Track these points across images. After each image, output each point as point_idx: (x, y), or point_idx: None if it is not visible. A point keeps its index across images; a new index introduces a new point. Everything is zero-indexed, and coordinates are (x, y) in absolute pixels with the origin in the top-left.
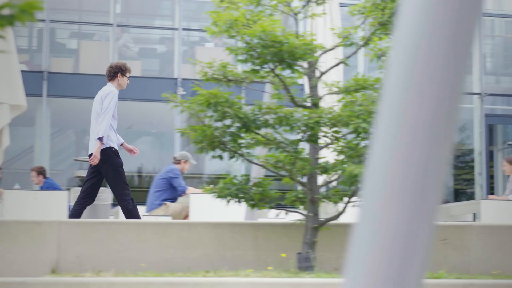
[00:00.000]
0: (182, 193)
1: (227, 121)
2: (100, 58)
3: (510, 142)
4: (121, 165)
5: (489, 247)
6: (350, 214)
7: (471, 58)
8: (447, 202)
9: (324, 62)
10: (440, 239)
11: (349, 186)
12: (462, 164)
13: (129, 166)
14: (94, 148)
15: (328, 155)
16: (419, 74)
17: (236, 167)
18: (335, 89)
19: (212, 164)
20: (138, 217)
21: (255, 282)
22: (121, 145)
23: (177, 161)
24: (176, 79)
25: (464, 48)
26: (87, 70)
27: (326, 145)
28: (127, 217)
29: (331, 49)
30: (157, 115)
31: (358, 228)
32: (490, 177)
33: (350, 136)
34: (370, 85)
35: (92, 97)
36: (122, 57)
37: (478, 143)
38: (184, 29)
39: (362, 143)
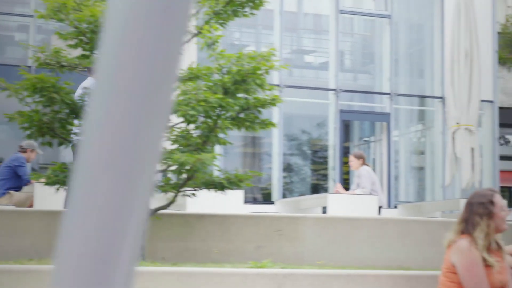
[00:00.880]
0: (28, 182)
1: (56, 107)
2: None
3: (366, 139)
4: None
5: (323, 238)
6: (193, 204)
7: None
8: (303, 195)
9: None
10: (275, 231)
11: (178, 175)
12: (320, 160)
13: None
14: None
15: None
16: (128, 64)
17: None
18: None
19: (70, 154)
20: None
21: None
22: None
23: (23, 150)
24: (30, 67)
25: (177, 36)
26: None
27: None
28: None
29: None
30: (11, 104)
31: (68, 214)
32: (346, 173)
33: (183, 125)
34: (203, 74)
35: None
36: None
37: (333, 139)
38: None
39: (194, 132)
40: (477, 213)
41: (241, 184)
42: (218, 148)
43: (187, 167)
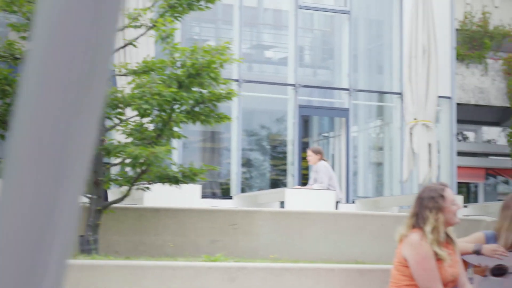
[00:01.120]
0: None
1: (9, 100)
2: None
3: (325, 134)
4: None
5: (278, 232)
6: (150, 198)
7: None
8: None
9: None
10: (230, 225)
11: (132, 168)
12: (279, 155)
13: None
14: None
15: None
16: (58, 59)
17: None
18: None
19: None
20: None
21: None
22: None
23: None
24: None
25: (108, 31)
26: None
27: (113, 127)
28: None
29: (119, 30)
30: None
31: None
32: (305, 168)
33: (138, 119)
34: (157, 68)
35: None
36: None
37: (291, 134)
38: None
39: (148, 125)
40: (427, 207)
41: (196, 178)
42: (176, 143)
43: (141, 161)
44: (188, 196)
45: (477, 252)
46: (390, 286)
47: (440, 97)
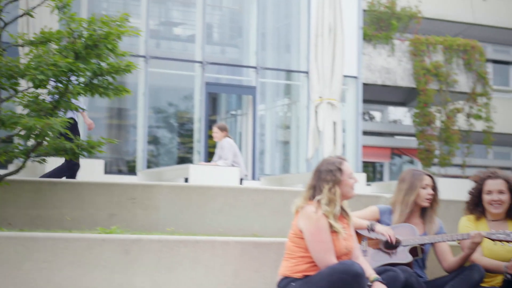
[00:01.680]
0: None
1: None
2: None
3: (233, 112)
4: None
5: (177, 206)
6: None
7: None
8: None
9: (9, 12)
10: (128, 199)
11: (26, 140)
12: (186, 132)
13: None
14: None
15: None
16: None
17: None
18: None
19: None
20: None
21: None
22: None
23: None
24: None
25: None
26: None
27: (8, 98)
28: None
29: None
30: None
31: None
32: (212, 146)
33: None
34: (55, 38)
35: None
36: None
37: (198, 112)
38: None
39: (46, 97)
40: (325, 180)
41: (93, 150)
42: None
43: (36, 132)
44: (90, 171)
45: (371, 230)
46: (285, 258)
47: (346, 76)
